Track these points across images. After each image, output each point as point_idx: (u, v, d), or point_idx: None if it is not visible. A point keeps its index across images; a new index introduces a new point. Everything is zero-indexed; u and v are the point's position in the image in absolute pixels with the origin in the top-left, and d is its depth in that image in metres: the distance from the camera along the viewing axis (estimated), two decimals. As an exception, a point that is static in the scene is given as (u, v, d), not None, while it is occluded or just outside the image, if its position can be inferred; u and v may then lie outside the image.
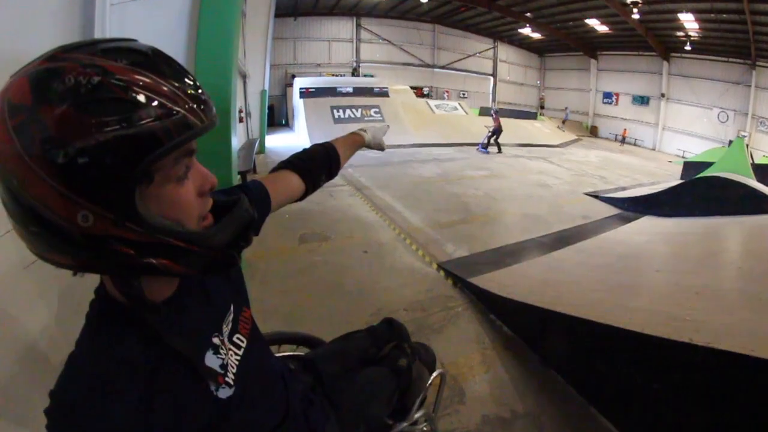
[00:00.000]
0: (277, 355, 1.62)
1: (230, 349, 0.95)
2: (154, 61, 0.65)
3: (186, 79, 0.67)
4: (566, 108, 30.42)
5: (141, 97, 0.60)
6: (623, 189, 9.85)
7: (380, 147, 1.76)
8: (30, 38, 1.52)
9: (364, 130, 1.69)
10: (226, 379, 0.89)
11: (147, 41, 1.70)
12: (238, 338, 1.00)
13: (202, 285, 0.94)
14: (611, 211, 7.79)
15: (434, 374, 1.65)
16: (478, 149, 15.18)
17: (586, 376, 2.79)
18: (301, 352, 1.73)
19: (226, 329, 0.97)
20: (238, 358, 0.97)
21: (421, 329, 3.54)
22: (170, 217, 0.69)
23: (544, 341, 3.25)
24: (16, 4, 1.45)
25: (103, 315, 0.77)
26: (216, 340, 0.91)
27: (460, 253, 5.32)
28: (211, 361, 0.88)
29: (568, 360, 2.97)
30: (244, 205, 0.84)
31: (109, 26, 1.98)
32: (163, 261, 0.69)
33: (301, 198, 1.36)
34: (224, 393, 0.88)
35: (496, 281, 4.16)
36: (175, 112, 0.63)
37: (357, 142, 1.65)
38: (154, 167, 0.64)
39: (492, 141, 15.06)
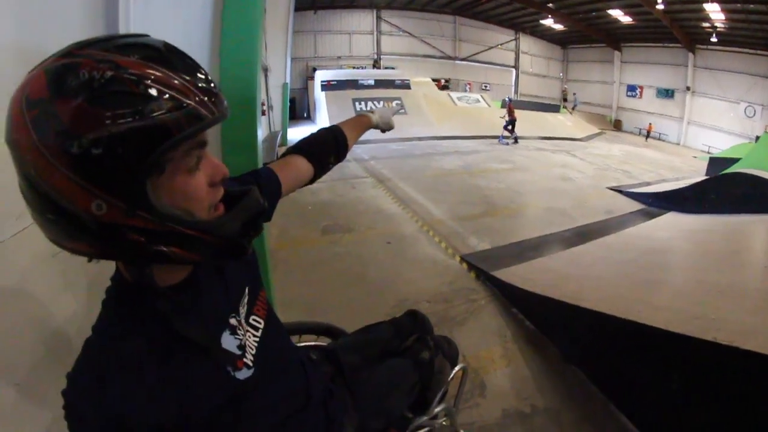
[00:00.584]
0: (299, 344, 1.65)
1: (248, 331, 0.98)
2: (165, 55, 0.67)
3: (198, 73, 0.69)
4: (574, 94, 30.12)
5: (152, 90, 0.62)
6: (647, 184, 9.70)
7: (389, 126, 1.76)
8: (55, 33, 1.55)
9: (372, 111, 1.71)
10: (245, 360, 0.92)
11: (171, 33, 1.78)
12: (254, 320, 1.03)
13: (218, 267, 0.96)
14: (635, 206, 7.67)
15: (456, 368, 1.64)
16: (499, 141, 15.19)
17: (607, 373, 2.76)
18: (323, 342, 1.73)
19: (243, 310, 0.99)
20: (257, 339, 1.00)
21: (443, 321, 3.55)
22: (181, 206, 0.71)
23: (565, 336, 3.22)
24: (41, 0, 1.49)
25: (119, 301, 0.80)
26: (233, 321, 0.94)
27: (483, 246, 5.31)
28: (228, 342, 0.91)
29: (590, 356, 2.95)
30: (254, 195, 0.85)
31: (133, 19, 1.98)
32: (174, 249, 0.71)
33: (311, 181, 1.38)
34: (243, 374, 0.91)
35: (518, 275, 4.15)
36: (185, 104, 0.65)
37: (364, 123, 1.65)
38: (165, 158, 0.66)
39: (508, 131, 15.12)
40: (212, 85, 0.71)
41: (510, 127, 15.11)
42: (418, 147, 13.10)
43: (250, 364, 0.93)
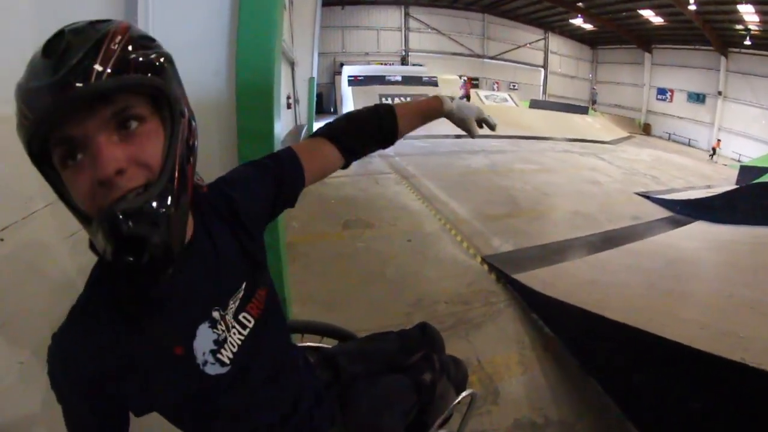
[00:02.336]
0: (299, 344, 1.58)
1: (233, 327, 0.96)
2: (28, 66, 0.71)
3: (31, 69, 0.70)
4: (594, 88, 29.77)
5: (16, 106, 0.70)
6: (675, 191, 9.59)
7: (465, 125, 1.44)
8: (71, 18, 1.65)
9: (451, 98, 1.42)
10: (218, 355, 0.91)
11: (189, 23, 1.83)
12: (244, 317, 0.99)
13: (216, 258, 0.94)
14: (662, 213, 7.59)
15: (463, 394, 1.51)
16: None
17: (626, 387, 2.66)
18: (326, 345, 1.65)
19: (233, 306, 0.97)
20: (242, 338, 0.97)
21: (460, 323, 3.51)
22: (72, 195, 0.75)
23: (585, 346, 3.16)
24: None
25: (95, 269, 0.87)
26: (216, 314, 0.92)
27: (506, 248, 5.26)
28: (205, 333, 0.90)
29: (609, 368, 2.87)
30: (107, 214, 0.69)
31: (152, 8, 2.04)
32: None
33: (344, 167, 1.27)
34: (213, 369, 0.91)
35: (540, 279, 4.11)
36: (20, 108, 0.69)
37: (433, 108, 1.38)
38: (51, 152, 0.71)
39: None
40: (42, 75, 0.67)
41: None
42: (444, 145, 13.04)
43: (226, 361, 0.93)
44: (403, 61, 27.26)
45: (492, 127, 1.52)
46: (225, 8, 2.30)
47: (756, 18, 18.59)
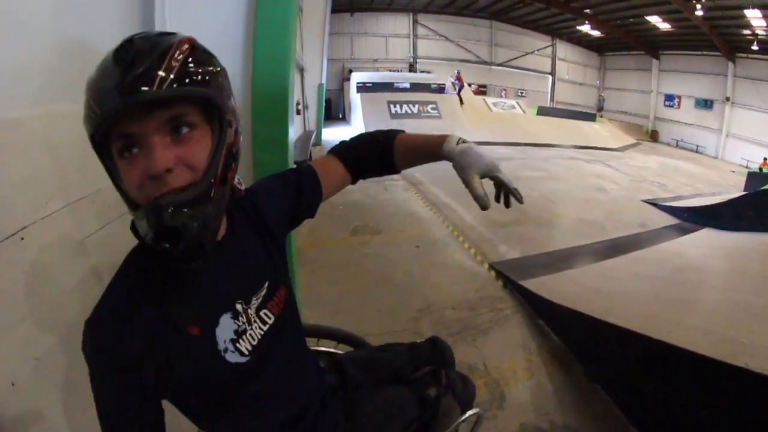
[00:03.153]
0: (312, 348, 1.57)
1: (255, 321, 1.03)
2: (99, 66, 0.81)
3: (101, 69, 0.79)
4: (601, 95, 29.90)
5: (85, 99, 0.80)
6: (682, 198, 9.57)
7: (464, 176, 1.18)
8: (91, 23, 1.67)
9: (462, 140, 1.22)
10: (237, 345, 0.98)
11: (205, 31, 1.94)
12: (265, 313, 1.06)
13: (243, 256, 1.05)
14: (669, 220, 7.59)
15: (468, 413, 1.46)
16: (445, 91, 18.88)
17: (631, 394, 2.67)
18: (336, 350, 1.67)
19: (255, 302, 1.04)
20: (262, 332, 1.04)
21: (467, 329, 3.52)
22: (123, 183, 0.84)
23: (591, 352, 3.16)
24: None
25: (133, 252, 0.95)
26: (239, 307, 1.00)
27: (513, 255, 5.29)
28: (226, 323, 0.97)
29: (615, 375, 2.87)
30: (154, 205, 0.79)
31: (169, 16, 2.09)
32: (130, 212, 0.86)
33: (353, 183, 1.36)
34: (232, 357, 0.97)
35: (547, 286, 4.12)
36: (89, 103, 0.78)
37: (432, 146, 1.25)
38: (109, 143, 0.82)
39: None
40: (113, 78, 0.76)
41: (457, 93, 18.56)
42: (452, 152, 13.09)
43: (245, 351, 0.99)
44: (411, 68, 27.31)
45: (518, 200, 1.22)
46: (241, 17, 2.33)
47: (763, 23, 18.44)
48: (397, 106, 16.74)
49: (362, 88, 18.03)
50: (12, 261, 1.18)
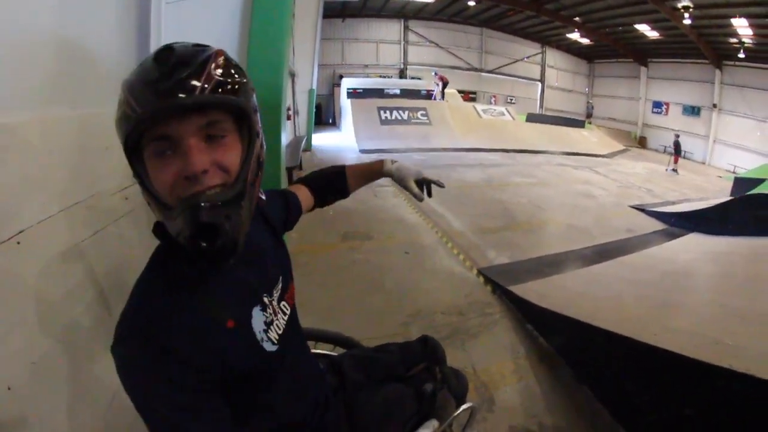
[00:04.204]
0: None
1: (279, 312, 1.13)
2: (139, 65, 0.86)
3: (146, 78, 0.82)
4: (589, 102, 30.19)
5: (119, 99, 0.84)
6: (670, 203, 9.63)
7: (405, 184, 1.60)
8: (91, 32, 1.70)
9: (394, 161, 1.63)
10: (269, 334, 1.06)
11: (201, 39, 1.92)
12: (284, 305, 1.16)
13: (259, 255, 1.12)
14: (657, 225, 7.63)
15: (463, 407, 1.50)
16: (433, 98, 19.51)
17: (618, 395, 2.71)
18: (330, 351, 1.75)
19: (276, 294, 1.14)
20: (284, 322, 1.13)
21: (457, 333, 3.57)
22: (154, 184, 0.86)
23: (578, 355, 3.20)
24: (81, 1, 1.62)
25: (158, 254, 0.99)
26: (266, 300, 1.09)
27: (501, 260, 5.33)
28: (258, 315, 1.05)
29: (601, 377, 2.91)
30: (192, 203, 0.84)
31: (165, 24, 2.11)
32: (158, 213, 0.89)
33: (311, 210, 1.59)
34: (268, 346, 1.04)
35: (535, 291, 4.17)
36: (122, 108, 0.83)
37: (375, 170, 1.62)
38: (139, 145, 0.85)
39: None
40: (143, 87, 0.82)
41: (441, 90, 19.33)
42: (442, 158, 13.21)
43: (275, 341, 1.07)
44: (402, 74, 27.44)
45: (440, 186, 1.65)
46: (236, 26, 2.37)
47: (749, 31, 18.64)
48: (387, 112, 16.76)
49: (353, 94, 18.13)
50: (7, 265, 1.20)
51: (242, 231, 0.91)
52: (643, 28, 23.13)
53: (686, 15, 18.94)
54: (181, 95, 0.80)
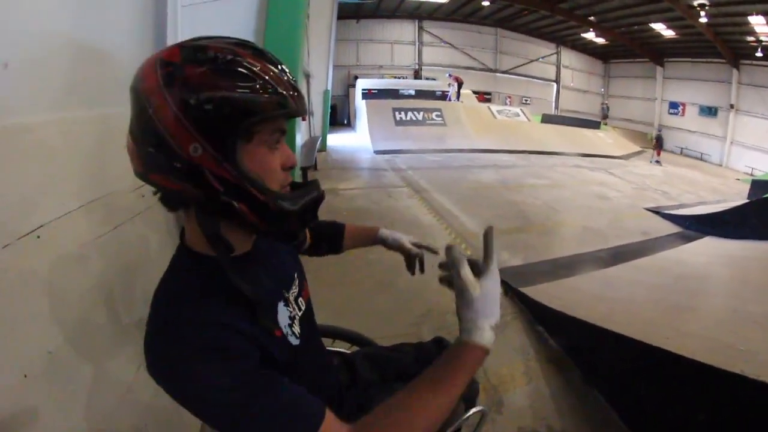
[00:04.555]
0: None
1: (297, 308, 1.15)
2: (267, 55, 0.86)
3: (288, 73, 0.88)
4: (605, 103, 30.06)
5: (257, 75, 0.81)
6: (686, 206, 9.51)
7: (399, 248, 1.67)
8: (109, 34, 1.75)
9: (386, 228, 1.70)
10: (293, 329, 1.08)
11: None
12: (300, 301, 1.19)
13: (275, 255, 1.16)
14: (672, 228, 7.54)
15: (473, 410, 1.48)
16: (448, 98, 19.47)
17: (628, 399, 2.70)
18: (344, 349, 1.76)
19: (294, 290, 1.17)
20: (302, 317, 1.16)
21: None
22: (257, 173, 0.85)
23: (589, 358, 3.18)
24: (96, 2, 1.66)
25: (184, 263, 0.98)
26: (287, 295, 1.12)
27: (515, 262, 5.32)
28: (282, 311, 1.07)
29: (612, 380, 2.91)
30: (316, 184, 0.99)
31: (181, 26, 2.15)
32: (243, 206, 0.84)
33: (301, 251, 1.57)
34: (293, 340, 1.06)
35: (547, 293, 4.14)
36: (279, 92, 0.83)
37: (370, 235, 1.70)
38: (255, 129, 0.83)
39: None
40: (297, 85, 0.88)
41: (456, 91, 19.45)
42: (456, 159, 13.22)
43: (297, 335, 1.09)
44: (416, 75, 27.43)
45: (433, 252, 1.67)
46: (250, 28, 2.39)
47: (767, 29, 18.43)
48: (402, 113, 16.75)
49: (367, 94, 18.12)
50: (28, 258, 1.24)
51: None
52: (659, 27, 22.96)
53: (702, 13, 18.75)
54: (302, 99, 0.90)
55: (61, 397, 1.31)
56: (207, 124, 0.78)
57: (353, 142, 16.02)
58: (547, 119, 21.45)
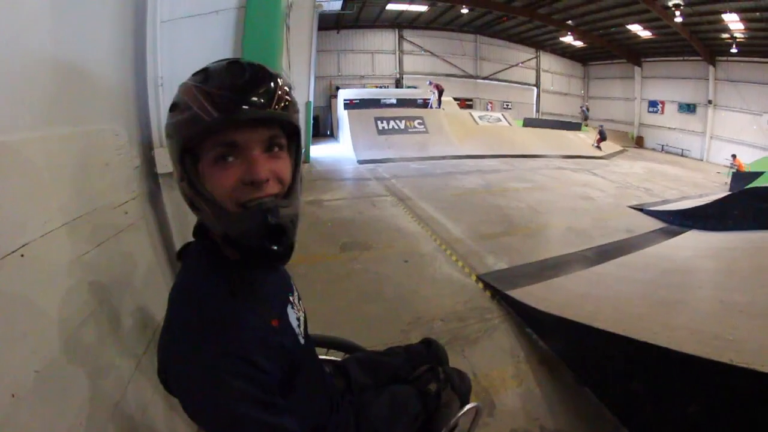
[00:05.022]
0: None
1: (301, 311, 1.21)
2: (206, 73, 0.91)
3: (220, 82, 0.89)
4: (583, 106, 30.15)
5: (181, 102, 0.90)
6: (669, 202, 9.63)
7: None
8: (89, 50, 1.74)
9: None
10: (299, 329, 1.15)
11: (195, 55, 2.09)
12: (301, 303, 1.26)
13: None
14: (656, 224, 7.63)
15: (467, 407, 1.52)
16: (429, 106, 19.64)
17: (620, 395, 2.71)
18: (335, 357, 1.76)
19: (296, 294, 1.23)
20: (305, 320, 1.23)
21: (456, 340, 3.57)
22: (210, 188, 0.92)
23: (579, 357, 3.20)
24: (76, 19, 1.64)
25: (202, 258, 1.03)
26: (291, 299, 1.17)
27: (501, 266, 5.35)
28: (291, 313, 1.13)
29: (602, 377, 2.91)
30: (258, 207, 0.92)
31: (160, 41, 2.16)
32: (207, 214, 0.94)
33: None
34: (302, 340, 1.13)
35: (534, 294, 4.17)
36: (191, 111, 0.88)
37: None
38: (199, 148, 0.91)
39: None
40: (238, 92, 0.88)
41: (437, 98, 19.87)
42: (440, 166, 13.27)
43: (303, 335, 1.16)
44: (398, 84, 27.61)
45: None
46: (228, 42, 2.42)
47: (741, 26, 18.69)
48: (384, 122, 16.83)
49: (349, 105, 18.18)
50: (12, 277, 1.22)
51: (295, 236, 0.99)
52: (636, 28, 23.22)
53: (677, 13, 19.03)
54: (256, 108, 0.88)
55: (49, 416, 1.29)
56: (170, 149, 0.95)
57: (336, 153, 16.03)
58: (528, 123, 21.69)
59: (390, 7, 24.44)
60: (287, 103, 0.94)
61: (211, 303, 0.93)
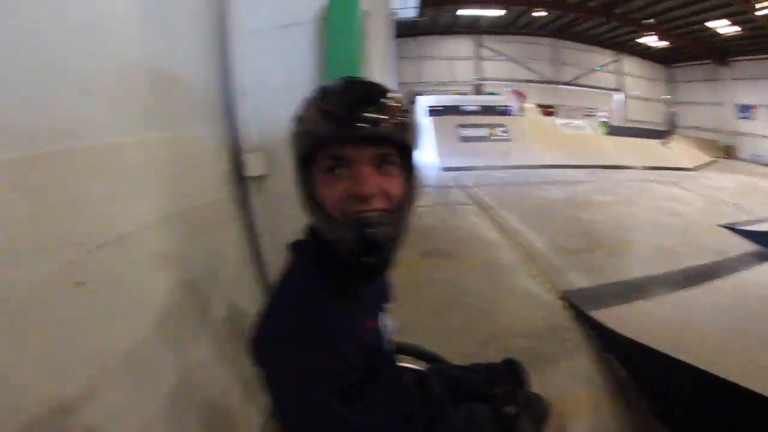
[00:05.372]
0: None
1: (392, 320, 1.25)
2: (323, 91, 0.98)
3: (335, 101, 0.94)
4: (673, 111, 28.70)
5: (303, 116, 0.98)
6: (764, 221, 8.68)
7: None
8: (178, 61, 1.89)
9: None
10: (388, 336, 1.20)
11: (278, 67, 2.31)
12: (390, 317, 1.29)
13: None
14: (750, 246, 7.07)
15: None
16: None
17: None
18: (418, 366, 1.74)
19: (389, 304, 1.29)
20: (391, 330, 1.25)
21: (533, 358, 3.41)
22: (319, 195, 0.98)
23: (660, 390, 2.95)
24: (166, 31, 1.78)
25: (307, 260, 1.08)
26: (387, 306, 1.25)
27: (582, 282, 5.21)
28: (384, 320, 1.19)
29: (684, 416, 2.65)
30: (364, 221, 0.94)
31: (243, 52, 2.25)
32: (317, 218, 1.01)
33: None
34: (389, 345, 1.19)
35: (616, 317, 3.97)
36: (308, 124, 0.96)
37: None
38: (312, 158, 0.97)
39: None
40: (343, 108, 0.93)
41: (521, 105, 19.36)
42: (523, 175, 13.19)
43: (389, 342, 1.21)
44: (477, 90, 27.42)
45: None
46: (312, 54, 2.45)
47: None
48: (467, 129, 16.82)
49: (434, 112, 18.16)
50: (111, 261, 1.36)
51: (395, 253, 1.03)
52: (716, 24, 21.58)
53: (757, 6, 17.60)
54: (365, 126, 0.91)
55: (135, 395, 1.43)
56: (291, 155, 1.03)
57: (418, 159, 15.97)
58: (613, 131, 20.80)
59: (461, 12, 24.42)
60: (400, 121, 0.96)
61: (311, 296, 1.01)
